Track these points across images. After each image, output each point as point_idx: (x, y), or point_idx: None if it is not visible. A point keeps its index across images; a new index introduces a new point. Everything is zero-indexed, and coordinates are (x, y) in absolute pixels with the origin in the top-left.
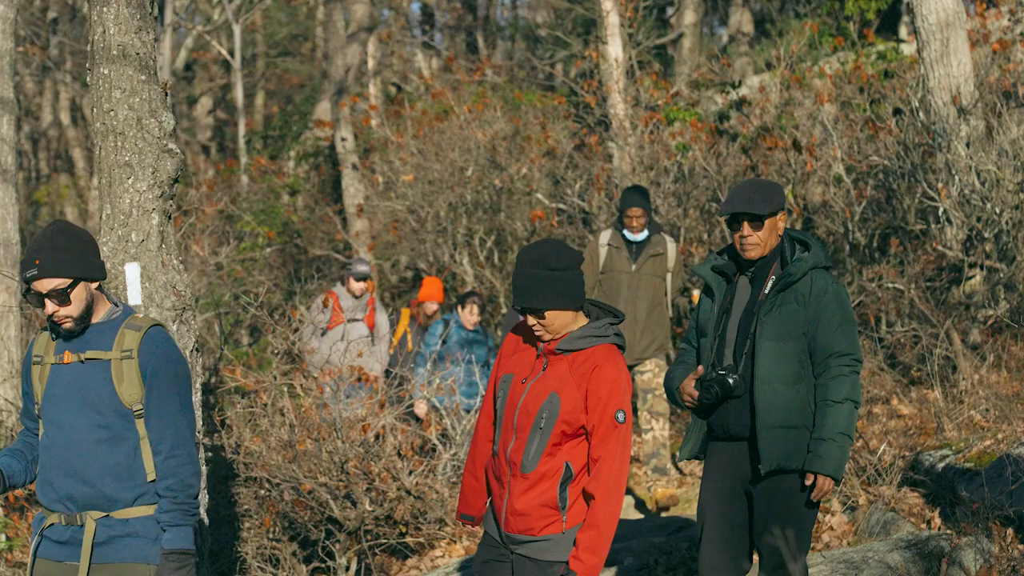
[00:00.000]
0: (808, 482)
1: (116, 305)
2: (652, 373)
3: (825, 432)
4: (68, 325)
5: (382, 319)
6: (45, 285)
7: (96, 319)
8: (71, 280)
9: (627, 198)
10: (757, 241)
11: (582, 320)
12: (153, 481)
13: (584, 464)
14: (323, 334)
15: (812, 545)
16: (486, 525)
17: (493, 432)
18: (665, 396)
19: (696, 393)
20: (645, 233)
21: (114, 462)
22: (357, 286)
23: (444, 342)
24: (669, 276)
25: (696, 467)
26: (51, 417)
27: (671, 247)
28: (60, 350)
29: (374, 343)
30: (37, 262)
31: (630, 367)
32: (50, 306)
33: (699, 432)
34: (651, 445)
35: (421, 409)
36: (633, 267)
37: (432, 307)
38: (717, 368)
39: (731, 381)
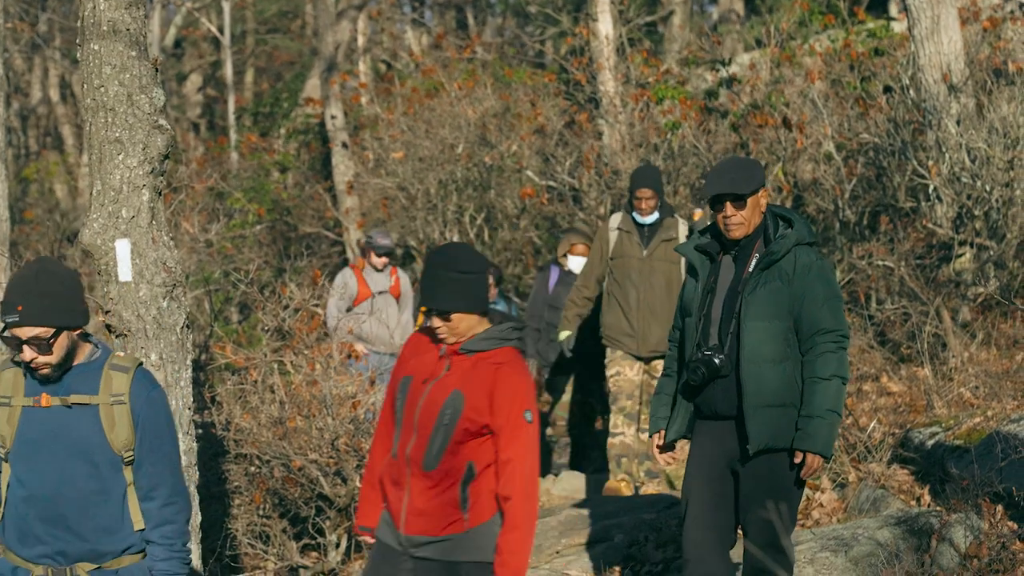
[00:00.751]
0: (797, 460)
1: (95, 346)
2: None
3: (813, 410)
4: (46, 372)
5: (407, 287)
6: (26, 332)
7: (76, 361)
8: (54, 329)
9: (637, 179)
10: (741, 220)
11: (485, 324)
12: (141, 530)
13: (486, 464)
14: (349, 310)
15: (801, 522)
16: (379, 534)
17: (392, 437)
18: None
19: (666, 458)
20: (655, 216)
21: (108, 515)
22: (380, 260)
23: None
24: (683, 262)
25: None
26: (29, 465)
27: (683, 230)
28: (34, 391)
29: (401, 312)
30: (19, 308)
31: (644, 360)
32: (28, 353)
33: (686, 412)
34: (647, 445)
35: None
36: (644, 252)
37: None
38: (703, 348)
39: (717, 361)
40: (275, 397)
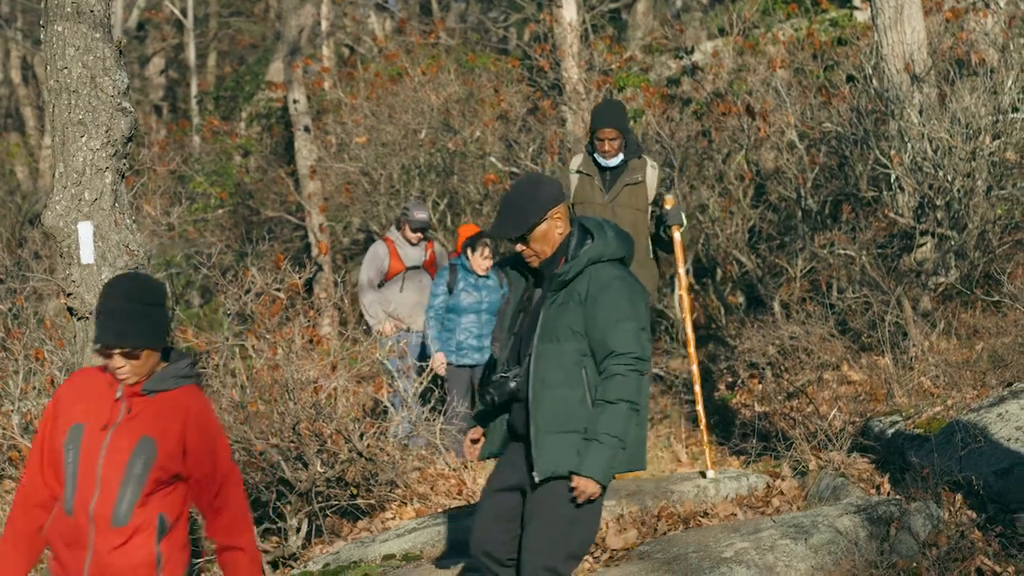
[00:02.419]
0: (571, 484)
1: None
2: None
3: (593, 433)
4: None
5: (443, 261)
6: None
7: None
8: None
9: (598, 117)
10: (532, 253)
11: (162, 362)
12: None
13: (179, 515)
14: (380, 285)
15: (761, 510)
16: None
17: (56, 491)
18: None
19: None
20: (619, 158)
21: None
22: (414, 235)
23: (451, 291)
24: (651, 210)
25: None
26: None
27: (651, 173)
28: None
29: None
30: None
31: None
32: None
33: (499, 429)
34: None
35: (439, 365)
36: (605, 198)
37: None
38: (501, 370)
39: (512, 385)
40: (236, 381)
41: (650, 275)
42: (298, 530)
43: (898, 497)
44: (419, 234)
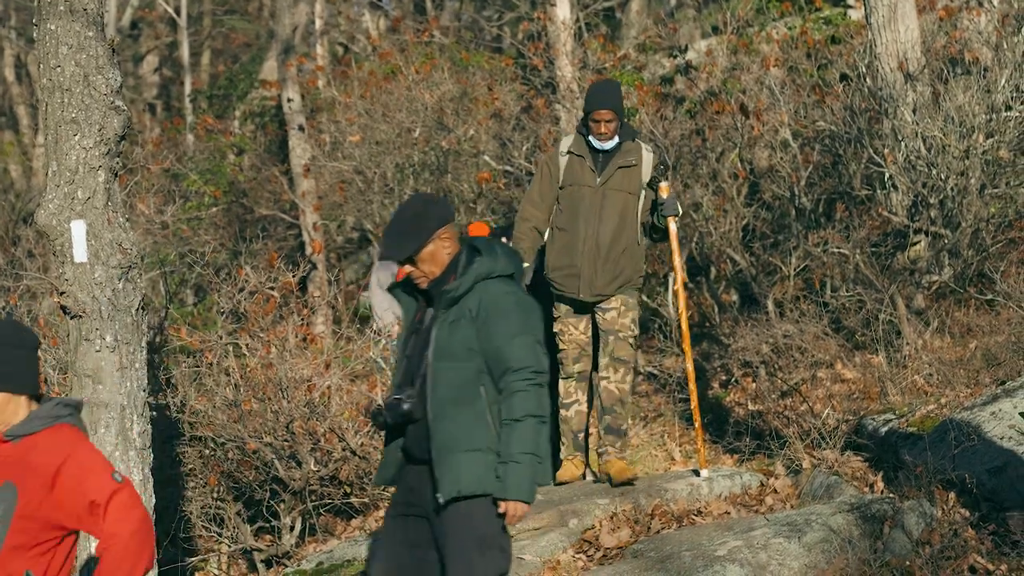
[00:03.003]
0: (500, 510)
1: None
2: (617, 312)
3: (508, 455)
4: None
5: None
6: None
7: None
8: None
9: (594, 98)
10: (421, 274)
11: (33, 405)
12: None
13: (54, 572)
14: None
15: (755, 508)
16: None
17: None
18: (631, 340)
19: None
20: (615, 141)
21: None
22: None
23: None
24: (643, 194)
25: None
26: None
27: (647, 157)
28: None
29: None
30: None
31: (590, 305)
32: None
33: (394, 454)
34: (609, 398)
35: None
36: (598, 180)
37: None
38: (395, 392)
39: (405, 407)
40: (230, 380)
41: (635, 261)
42: (292, 528)
43: (891, 495)
44: None
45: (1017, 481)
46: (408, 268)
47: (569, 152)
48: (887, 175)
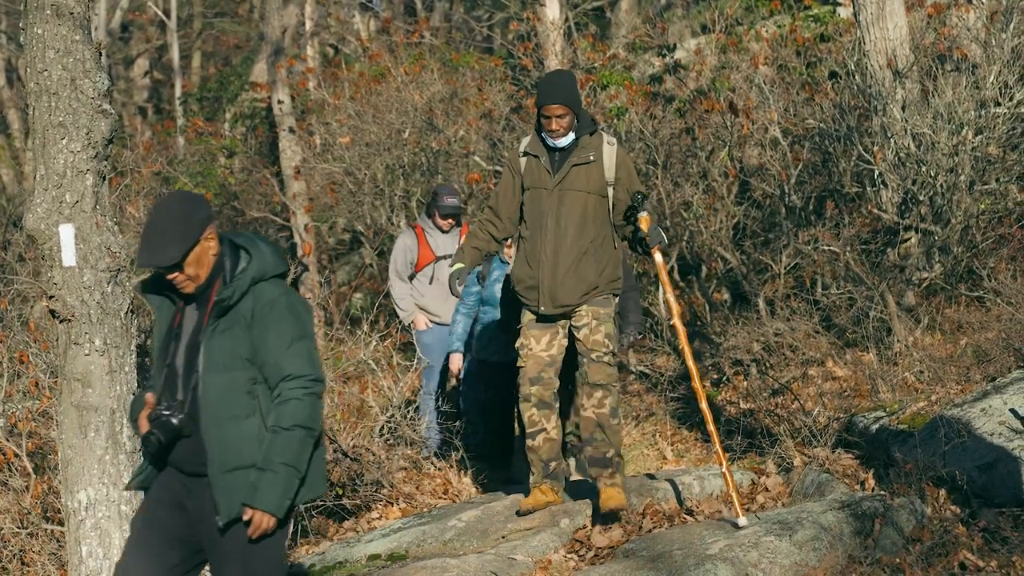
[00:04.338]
0: (245, 517)
1: None
2: (588, 328)
3: (267, 462)
4: None
5: None
6: None
7: None
8: None
9: (542, 91)
10: (186, 279)
11: None
12: None
13: None
14: (411, 277)
15: (747, 506)
16: None
17: None
18: (607, 359)
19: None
20: (569, 137)
21: None
22: (445, 222)
23: (482, 281)
24: (611, 191)
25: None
26: None
27: (608, 151)
28: None
29: None
30: None
31: (550, 319)
32: None
33: (156, 467)
34: (587, 426)
35: (455, 364)
36: (552, 181)
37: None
38: (162, 406)
39: (175, 422)
40: None
41: (604, 267)
42: None
43: (882, 493)
44: (450, 220)
45: (1007, 477)
46: (173, 274)
47: (526, 153)
48: (877, 172)
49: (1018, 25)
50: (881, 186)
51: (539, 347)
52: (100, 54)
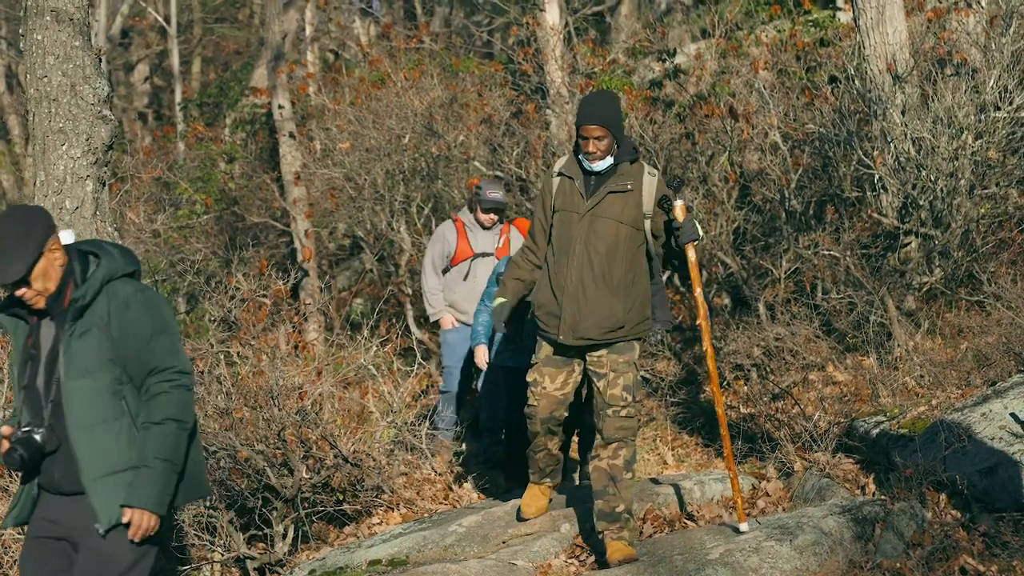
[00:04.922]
0: (125, 519)
1: None
2: (607, 380)
3: (140, 459)
4: None
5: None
6: None
7: None
8: None
9: (581, 111)
10: (36, 293)
11: None
12: None
13: None
14: (446, 271)
15: (747, 511)
16: None
17: None
18: (624, 413)
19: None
20: (608, 161)
21: None
22: (487, 217)
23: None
24: (647, 224)
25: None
26: None
27: (648, 181)
28: None
29: None
30: None
31: (576, 351)
32: None
33: (28, 493)
34: (600, 479)
35: (481, 356)
36: (584, 205)
37: None
38: (22, 425)
39: (38, 438)
40: (222, 388)
41: (633, 305)
42: (284, 536)
43: (883, 497)
44: (492, 216)
45: (1008, 482)
46: (21, 291)
47: (560, 173)
48: (877, 177)
49: (1018, 29)
50: (881, 190)
51: (553, 386)
52: (100, 60)
